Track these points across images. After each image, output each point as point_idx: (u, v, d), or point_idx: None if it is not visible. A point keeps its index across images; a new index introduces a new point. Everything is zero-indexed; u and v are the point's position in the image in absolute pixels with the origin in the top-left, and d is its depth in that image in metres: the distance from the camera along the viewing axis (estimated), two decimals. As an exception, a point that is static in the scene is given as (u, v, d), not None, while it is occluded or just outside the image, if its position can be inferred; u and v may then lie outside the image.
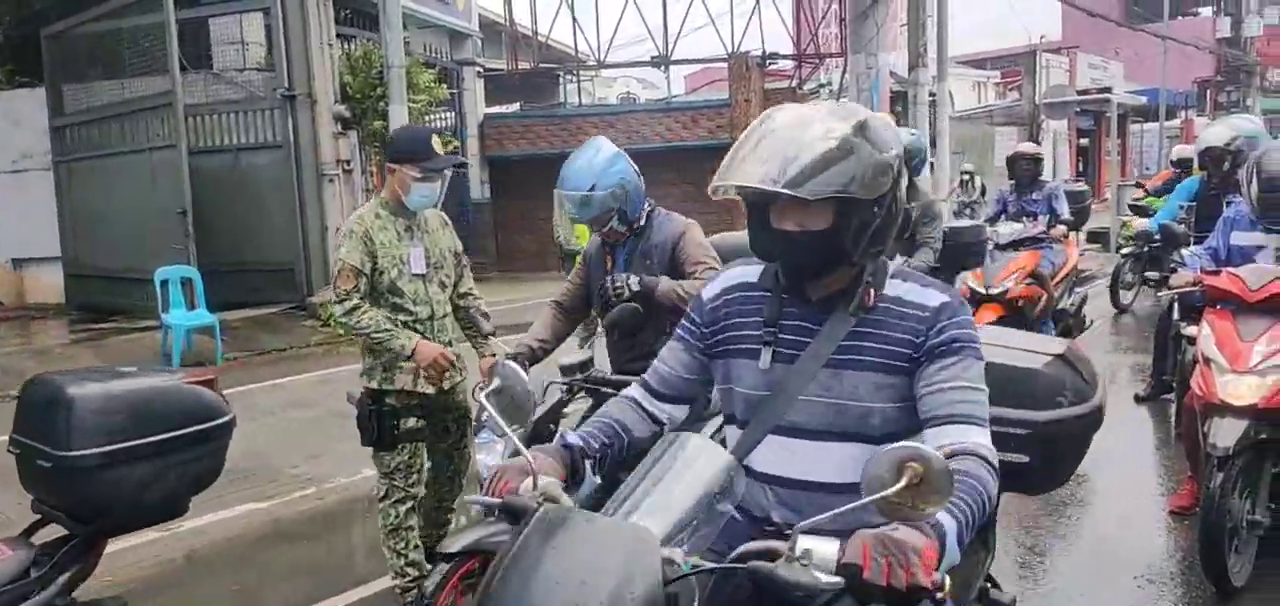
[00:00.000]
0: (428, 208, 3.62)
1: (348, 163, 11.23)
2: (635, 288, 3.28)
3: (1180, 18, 39.89)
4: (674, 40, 17.14)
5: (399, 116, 10.76)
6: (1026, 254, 6.95)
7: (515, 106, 18.56)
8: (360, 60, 11.38)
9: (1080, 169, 29.92)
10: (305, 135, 11.05)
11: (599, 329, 4.14)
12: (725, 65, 16.87)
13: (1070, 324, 7.67)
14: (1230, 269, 4.07)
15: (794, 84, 17.53)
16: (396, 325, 3.49)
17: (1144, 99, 28.59)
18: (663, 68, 17.80)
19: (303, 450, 6.31)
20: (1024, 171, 7.78)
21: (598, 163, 3.35)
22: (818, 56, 18.04)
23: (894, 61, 20.17)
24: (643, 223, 3.49)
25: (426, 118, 12.01)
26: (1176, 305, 5.56)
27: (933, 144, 19.55)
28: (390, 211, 3.54)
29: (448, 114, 16.40)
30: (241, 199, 11.25)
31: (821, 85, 21.01)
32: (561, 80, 18.42)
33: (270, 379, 8.63)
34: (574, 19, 17.36)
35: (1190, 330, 4.67)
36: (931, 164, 19.58)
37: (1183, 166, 13.01)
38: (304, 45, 10.96)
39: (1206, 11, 42.69)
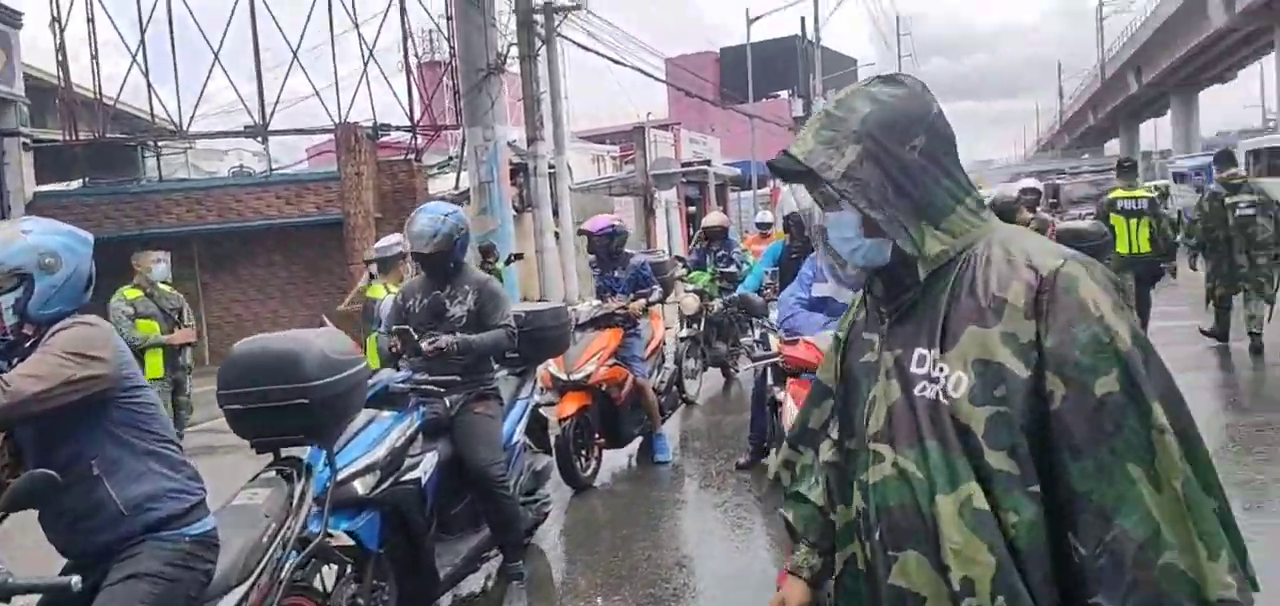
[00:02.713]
0: None
1: None
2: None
3: (764, 99, 45.24)
4: (271, 109, 15.61)
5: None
6: (608, 333, 6.56)
7: (78, 183, 15.81)
8: None
9: (691, 235, 32.36)
10: None
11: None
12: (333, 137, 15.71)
13: (669, 401, 7.53)
14: (807, 338, 3.99)
15: (409, 156, 16.77)
16: None
17: (738, 170, 31.65)
18: (260, 138, 16.15)
19: None
20: (600, 246, 7.10)
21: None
22: (433, 128, 17.47)
23: (515, 134, 20.34)
24: None
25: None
26: (769, 371, 5.57)
27: (555, 213, 19.86)
28: None
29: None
30: None
31: (449, 159, 20.52)
32: (139, 152, 16.02)
33: None
34: (149, 83, 15.08)
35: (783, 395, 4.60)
36: (556, 233, 19.90)
37: (764, 228, 14.24)
38: None
39: (784, 94, 48.90)
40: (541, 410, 5.45)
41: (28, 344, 2.53)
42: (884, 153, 1.45)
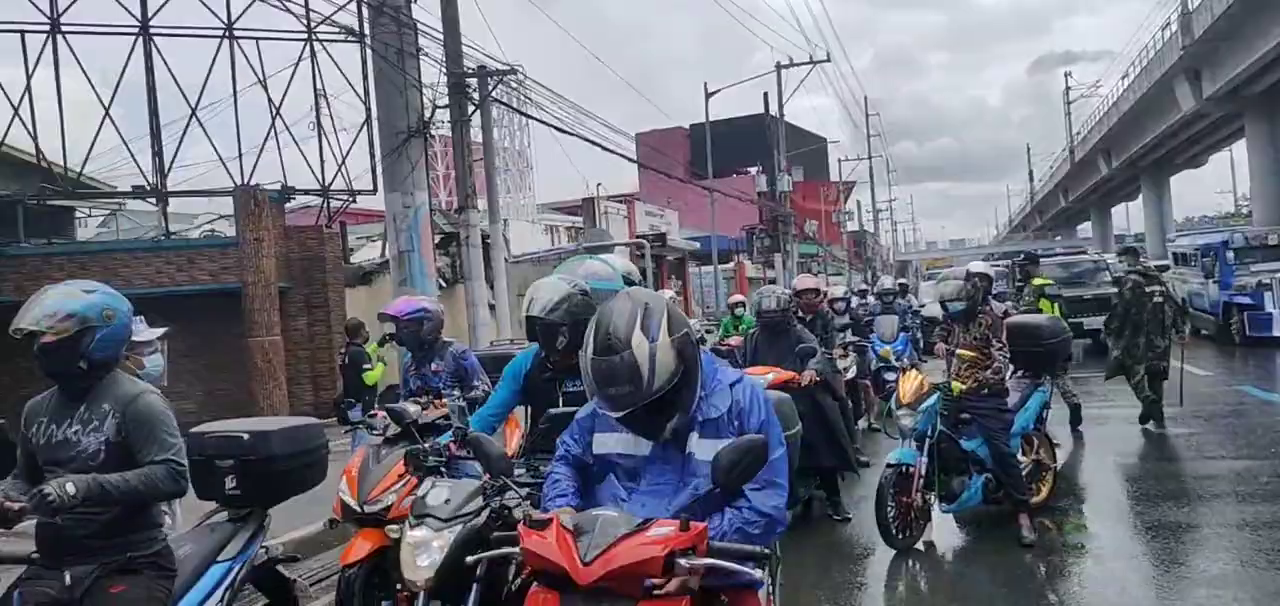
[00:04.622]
0: None
1: None
2: None
3: (734, 174, 44.53)
4: (169, 167, 14.33)
5: None
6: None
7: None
8: None
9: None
10: None
11: None
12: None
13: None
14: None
15: (323, 222, 15.51)
16: None
17: (696, 244, 30.59)
18: (154, 200, 14.84)
19: None
20: (407, 334, 5.79)
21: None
22: (349, 192, 16.24)
23: (445, 202, 19.19)
24: None
25: None
26: None
27: (490, 285, 18.64)
28: None
29: None
30: None
31: (372, 239, 19.28)
32: (20, 210, 14.64)
33: None
34: (34, 136, 13.79)
35: None
36: (491, 306, 18.66)
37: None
38: None
39: (753, 170, 48.20)
40: (283, 567, 4.06)
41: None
42: None
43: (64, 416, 3.18)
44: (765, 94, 35.73)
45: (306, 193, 15.25)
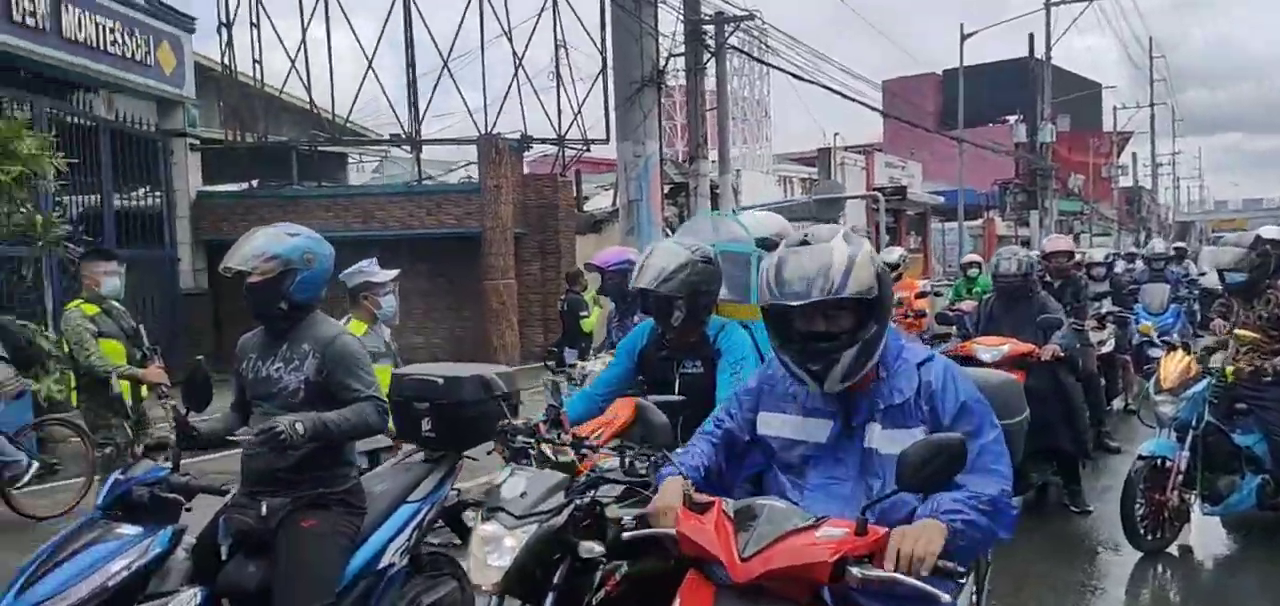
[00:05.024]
0: None
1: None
2: None
3: (990, 125, 41.55)
4: (422, 116, 15.30)
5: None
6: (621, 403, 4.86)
7: (246, 185, 16.19)
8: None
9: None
10: None
11: None
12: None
13: None
14: None
15: (557, 170, 15.99)
16: None
17: (940, 198, 28.78)
18: (409, 148, 15.91)
19: None
20: (612, 287, 5.45)
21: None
22: (583, 142, 16.60)
23: (681, 153, 19.20)
24: None
25: (28, 193, 9.50)
26: None
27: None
28: None
29: (142, 192, 14.01)
30: None
31: (605, 188, 19.67)
32: (293, 154, 16.21)
33: None
34: (308, 87, 15.19)
35: None
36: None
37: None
38: None
39: (1011, 119, 44.78)
40: (471, 512, 4.07)
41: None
42: None
43: (268, 354, 3.33)
44: (1031, 35, 32.80)
45: (543, 141, 15.78)
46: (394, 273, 5.65)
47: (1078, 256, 9.70)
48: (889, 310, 2.37)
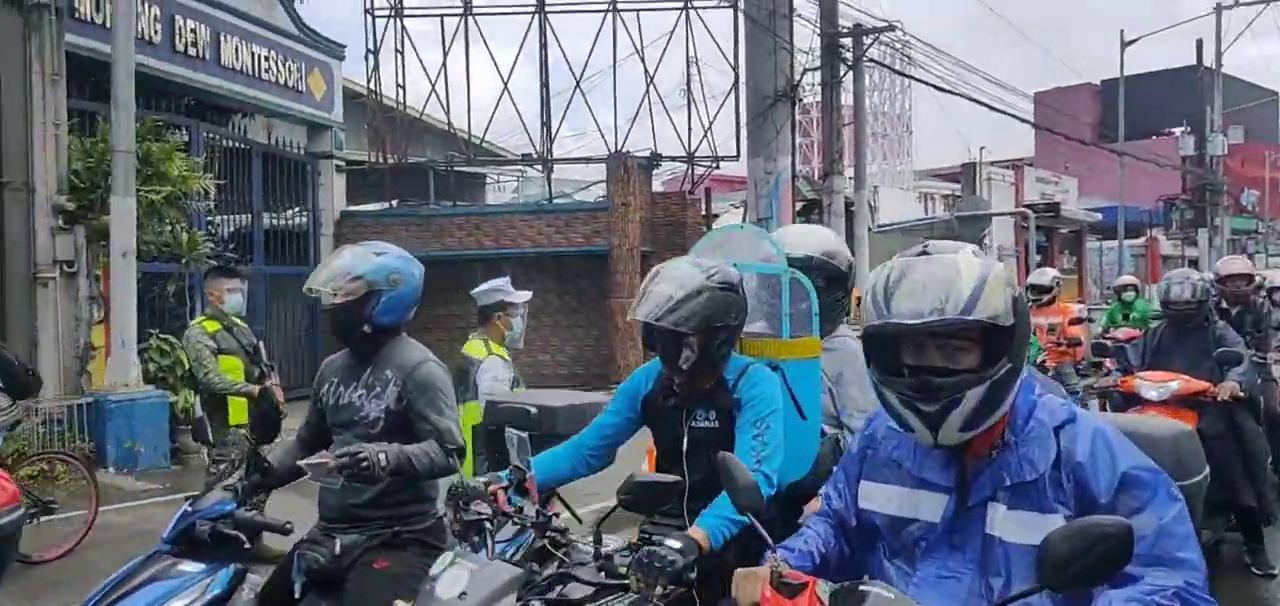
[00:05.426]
0: None
1: (70, 263, 9.32)
2: None
3: (1153, 137, 38.89)
4: (554, 135, 15.45)
5: (124, 210, 8.90)
6: None
7: (386, 205, 16.78)
8: (96, 144, 9.54)
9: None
10: (16, 230, 9.16)
11: None
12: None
13: None
14: None
15: (686, 187, 15.81)
16: None
17: (1098, 215, 27.00)
18: (541, 167, 16.09)
19: None
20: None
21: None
22: (713, 159, 16.37)
23: (818, 170, 18.71)
24: None
25: (178, 213, 10.03)
26: None
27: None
28: None
29: (291, 211, 14.68)
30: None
31: (735, 206, 19.36)
32: (429, 175, 16.66)
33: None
34: (446, 109, 15.62)
35: None
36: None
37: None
38: (24, 124, 9.16)
39: (1177, 131, 41.77)
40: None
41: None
42: None
43: (351, 379, 3.17)
44: (1199, 41, 30.44)
45: (673, 159, 15.66)
46: (527, 294, 5.49)
47: (1258, 279, 8.74)
48: (1026, 347, 1.88)
